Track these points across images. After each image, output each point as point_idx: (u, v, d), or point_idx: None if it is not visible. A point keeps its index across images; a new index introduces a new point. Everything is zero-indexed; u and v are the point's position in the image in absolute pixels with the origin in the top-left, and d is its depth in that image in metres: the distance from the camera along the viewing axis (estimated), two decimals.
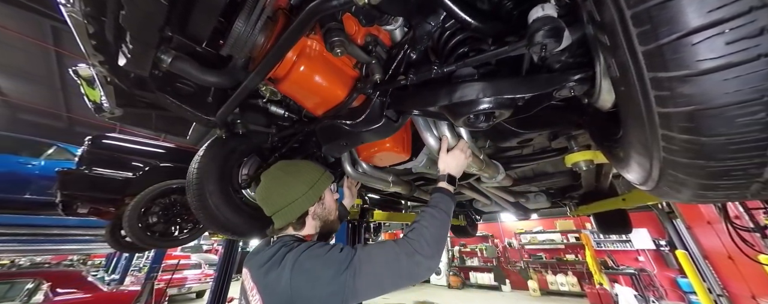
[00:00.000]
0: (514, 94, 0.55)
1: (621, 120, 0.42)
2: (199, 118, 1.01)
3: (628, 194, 1.94)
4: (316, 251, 0.66)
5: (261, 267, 0.68)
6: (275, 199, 0.79)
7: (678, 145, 0.30)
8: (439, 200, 0.80)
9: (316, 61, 0.85)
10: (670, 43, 0.26)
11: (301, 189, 0.79)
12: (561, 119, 0.88)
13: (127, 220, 2.34)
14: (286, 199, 0.78)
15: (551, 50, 0.45)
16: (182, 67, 0.80)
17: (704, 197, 0.34)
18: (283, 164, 0.87)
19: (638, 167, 0.40)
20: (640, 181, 0.43)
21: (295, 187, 0.79)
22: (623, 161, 0.47)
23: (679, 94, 0.28)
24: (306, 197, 0.79)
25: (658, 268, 6.72)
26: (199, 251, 12.73)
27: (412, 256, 0.65)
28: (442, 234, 0.72)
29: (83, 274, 4.97)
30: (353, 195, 1.44)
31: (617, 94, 0.39)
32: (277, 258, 0.67)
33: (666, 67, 0.27)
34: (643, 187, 0.44)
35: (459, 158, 0.90)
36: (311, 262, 0.64)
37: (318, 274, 0.62)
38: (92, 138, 2.62)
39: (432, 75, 0.63)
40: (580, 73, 0.51)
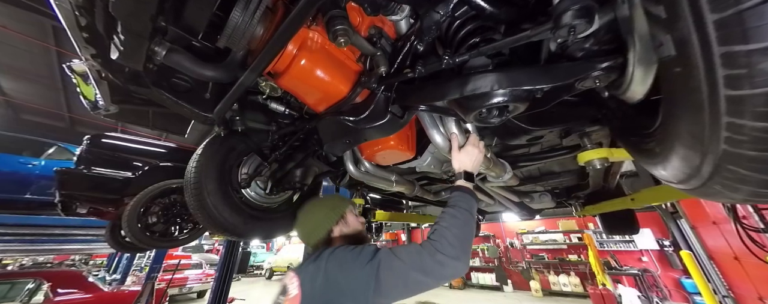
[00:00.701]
0: (533, 86, 0.51)
1: (662, 110, 0.38)
2: (196, 114, 0.97)
3: (637, 193, 1.89)
4: (347, 247, 0.77)
5: (305, 264, 0.80)
6: (304, 225, 0.94)
7: (748, 134, 0.26)
8: (459, 199, 0.78)
9: (318, 54, 0.81)
10: (755, 6, 0.22)
11: (322, 212, 0.92)
12: (575, 115, 0.84)
13: (126, 220, 2.32)
14: (312, 222, 0.92)
15: (581, 33, 0.41)
16: (177, 60, 0.76)
17: (763, 196, 0.30)
18: (311, 200, 1.03)
19: (682, 163, 0.35)
20: (681, 178, 0.38)
21: (317, 212, 0.93)
22: (658, 157, 0.42)
23: (760, 72, 0.23)
24: (327, 217, 0.90)
25: (662, 268, 6.65)
26: (200, 250, 12.74)
27: (434, 255, 0.65)
28: (466, 233, 0.70)
29: (84, 274, 4.96)
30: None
31: (666, 78, 0.35)
32: (314, 257, 0.78)
33: (746, 38, 0.23)
34: (683, 185, 0.40)
35: (472, 154, 0.88)
36: (343, 253, 0.74)
37: (348, 264, 0.70)
38: (91, 137, 2.59)
39: (442, 66, 0.59)
40: (608, 60, 0.46)
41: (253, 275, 13.63)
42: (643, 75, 0.42)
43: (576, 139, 1.05)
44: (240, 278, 12.43)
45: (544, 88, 0.53)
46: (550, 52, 0.54)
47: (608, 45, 0.49)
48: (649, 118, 0.46)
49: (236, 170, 1.35)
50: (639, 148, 0.51)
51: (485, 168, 1.15)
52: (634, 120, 0.54)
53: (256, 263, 14.53)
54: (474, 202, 0.79)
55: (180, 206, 2.67)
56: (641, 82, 0.44)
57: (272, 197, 1.45)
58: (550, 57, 0.55)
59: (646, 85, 0.43)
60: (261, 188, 1.41)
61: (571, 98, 0.74)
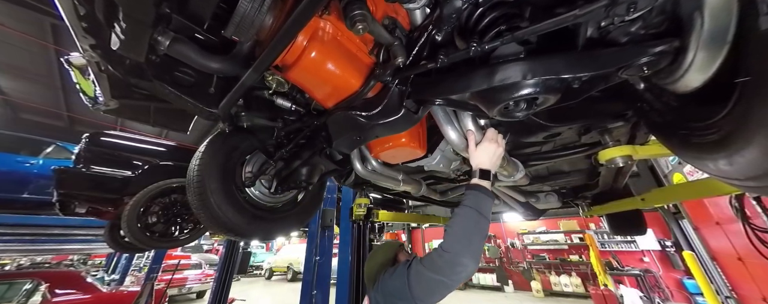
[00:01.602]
0: (573, 74, 0.46)
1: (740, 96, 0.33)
2: (200, 110, 0.93)
3: (648, 193, 1.86)
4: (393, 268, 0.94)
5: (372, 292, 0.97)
6: (368, 273, 1.16)
7: None
8: (471, 198, 0.77)
9: (330, 45, 0.77)
10: None
11: (378, 260, 1.15)
12: (598, 110, 0.80)
13: (125, 220, 2.27)
14: (373, 270, 1.11)
15: (642, 9, 0.37)
16: (182, 51, 0.72)
17: None
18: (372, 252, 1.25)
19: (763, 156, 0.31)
20: (755, 174, 0.34)
21: (373, 260, 1.17)
22: (720, 150, 0.38)
23: None
24: (381, 265, 1.10)
25: (664, 269, 6.63)
26: (199, 251, 12.68)
27: (442, 255, 0.70)
28: (473, 231, 0.71)
29: (82, 274, 4.91)
30: None
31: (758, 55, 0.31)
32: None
33: None
34: (753, 182, 0.36)
35: (490, 150, 0.84)
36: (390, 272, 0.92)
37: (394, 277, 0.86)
38: (90, 135, 2.54)
39: (470, 54, 0.55)
40: (662, 44, 0.42)
41: (253, 276, 13.57)
42: (707, 59, 0.38)
43: (596, 136, 1.01)
44: (239, 278, 12.37)
45: (582, 78, 0.49)
46: (587, 38, 0.50)
47: (656, 29, 0.45)
48: (708, 107, 0.41)
49: (240, 168, 1.31)
50: (688, 142, 0.47)
51: (499, 166, 1.11)
52: (683, 111, 0.50)
53: (256, 263, 14.46)
54: (487, 200, 0.77)
55: (180, 206, 2.62)
56: (703, 68, 0.39)
57: (277, 196, 1.41)
58: (587, 43, 0.51)
59: (708, 72, 0.39)
60: (265, 187, 1.37)
61: (595, 93, 0.70)
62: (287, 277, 11.27)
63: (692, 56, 0.40)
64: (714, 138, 0.40)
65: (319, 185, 1.68)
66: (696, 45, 0.38)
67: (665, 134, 0.58)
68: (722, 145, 0.38)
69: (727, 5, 0.33)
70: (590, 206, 2.54)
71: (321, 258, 3.03)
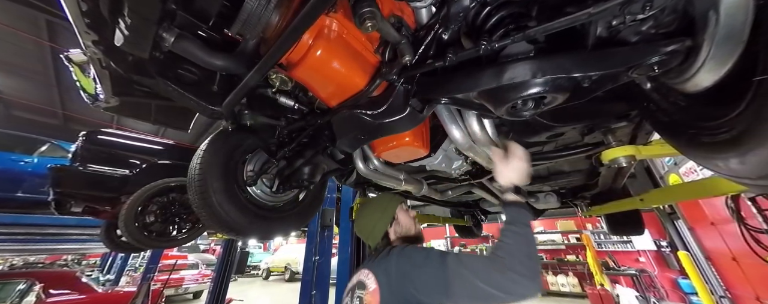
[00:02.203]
0: (583, 73, 0.47)
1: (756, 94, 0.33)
2: (203, 108, 0.92)
3: (646, 194, 1.87)
4: (415, 248, 0.87)
5: (375, 260, 0.92)
6: (362, 229, 1.08)
7: None
8: (516, 215, 0.76)
9: (335, 44, 0.77)
10: None
11: (375, 216, 1.04)
12: (603, 110, 0.80)
13: (123, 219, 2.25)
14: (367, 227, 1.05)
15: (659, 6, 0.37)
16: (187, 48, 0.71)
17: None
18: (364, 201, 1.20)
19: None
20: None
21: (369, 216, 1.06)
22: (732, 149, 0.38)
23: None
24: (380, 221, 1.03)
25: (659, 269, 6.70)
26: (196, 251, 12.58)
27: (504, 272, 0.64)
28: (533, 250, 0.68)
29: (77, 274, 4.85)
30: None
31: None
32: (385, 254, 0.90)
33: None
34: (765, 181, 0.36)
35: (519, 167, 0.84)
36: (413, 253, 0.84)
37: (420, 263, 0.79)
38: (87, 134, 2.51)
39: (480, 52, 0.55)
40: (673, 44, 0.42)
41: (251, 276, 13.50)
42: (721, 59, 0.38)
43: (598, 136, 1.02)
44: (236, 278, 12.30)
45: (592, 77, 0.49)
46: (597, 38, 0.50)
47: (666, 28, 0.45)
48: (719, 106, 0.42)
49: (242, 167, 1.30)
50: (698, 141, 0.47)
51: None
52: (692, 111, 0.50)
53: (253, 263, 14.39)
54: (530, 216, 0.77)
55: (179, 205, 2.60)
56: (716, 68, 0.39)
57: (279, 196, 1.40)
58: (597, 43, 0.51)
59: (720, 71, 0.39)
60: (267, 186, 1.36)
61: (599, 93, 0.71)
62: (285, 277, 11.23)
63: (705, 56, 0.40)
64: (725, 137, 0.40)
65: (321, 185, 1.67)
66: (709, 44, 0.39)
67: (673, 134, 0.58)
68: (734, 144, 0.38)
69: (745, 3, 0.33)
70: (589, 206, 2.56)
71: (320, 258, 3.03)
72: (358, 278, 0.93)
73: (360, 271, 0.96)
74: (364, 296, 0.85)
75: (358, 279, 0.93)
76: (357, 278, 0.94)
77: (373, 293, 0.82)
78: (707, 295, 4.92)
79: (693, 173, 4.47)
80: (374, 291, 0.82)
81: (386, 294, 0.80)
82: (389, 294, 0.79)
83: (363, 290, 0.86)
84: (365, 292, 0.85)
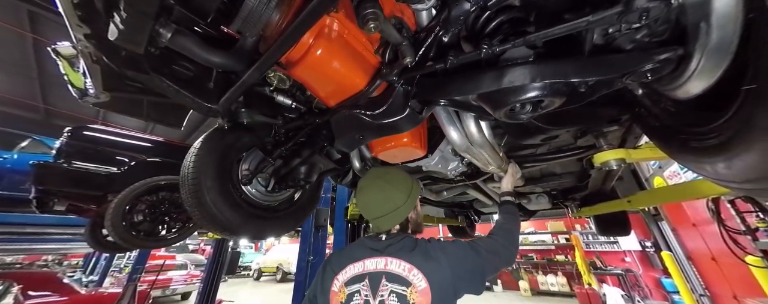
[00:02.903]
0: (581, 78, 0.48)
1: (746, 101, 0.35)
2: (199, 105, 0.90)
3: (634, 195, 1.94)
4: (449, 243, 0.90)
5: (410, 252, 0.85)
6: (378, 207, 0.92)
7: None
8: (515, 210, 1.13)
9: (336, 43, 0.77)
10: None
11: (401, 198, 0.92)
12: (595, 115, 0.83)
13: (109, 218, 2.18)
14: (389, 207, 0.91)
15: (655, 17, 0.38)
16: (184, 44, 0.70)
17: None
18: (378, 172, 1.00)
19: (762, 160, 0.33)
20: (753, 176, 0.37)
21: (396, 196, 0.92)
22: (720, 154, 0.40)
23: None
24: (406, 206, 0.92)
25: (644, 268, 6.92)
26: (185, 251, 12.28)
27: (507, 247, 0.93)
28: (517, 231, 1.05)
29: (58, 275, 4.67)
30: None
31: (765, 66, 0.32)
32: (423, 249, 0.86)
33: None
34: (751, 185, 0.38)
35: (514, 179, 1.24)
36: (453, 248, 0.87)
37: (463, 255, 0.84)
38: (72, 129, 2.42)
39: (481, 56, 0.56)
40: (667, 52, 0.44)
41: (241, 276, 13.27)
42: (711, 67, 0.40)
43: (591, 139, 1.05)
44: (227, 279, 12.06)
45: (589, 82, 0.51)
46: (593, 45, 0.52)
47: (659, 37, 0.48)
48: (708, 113, 0.44)
49: (237, 165, 1.28)
50: (687, 146, 0.50)
51: (497, 166, 1.13)
52: (682, 116, 0.52)
53: (245, 263, 14.16)
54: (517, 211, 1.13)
55: (169, 204, 2.54)
56: (706, 76, 0.41)
57: (274, 195, 1.39)
58: (593, 49, 0.53)
59: (710, 79, 0.41)
60: (262, 186, 1.35)
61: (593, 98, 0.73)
62: (277, 277, 11.08)
63: (696, 64, 0.42)
64: (714, 142, 0.42)
65: (317, 184, 1.66)
66: (700, 53, 0.41)
67: (663, 138, 0.61)
68: (722, 150, 0.40)
69: (734, 16, 0.35)
70: (579, 207, 2.63)
71: (314, 258, 3.00)
72: (386, 269, 0.82)
73: (374, 259, 0.85)
74: (408, 293, 0.77)
75: (380, 269, 0.82)
76: (374, 268, 0.83)
77: (423, 293, 0.76)
78: (688, 293, 5.12)
79: (677, 176, 4.65)
80: (424, 291, 0.76)
81: (437, 293, 0.76)
82: (441, 293, 0.76)
83: (404, 286, 0.78)
84: (411, 289, 0.77)
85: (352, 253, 0.92)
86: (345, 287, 0.84)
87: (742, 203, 2.94)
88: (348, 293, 0.82)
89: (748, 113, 0.35)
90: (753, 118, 0.34)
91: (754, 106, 0.34)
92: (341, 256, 0.94)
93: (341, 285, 0.85)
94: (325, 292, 0.87)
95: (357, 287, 0.82)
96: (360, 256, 0.89)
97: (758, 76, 0.33)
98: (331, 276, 0.88)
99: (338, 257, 0.94)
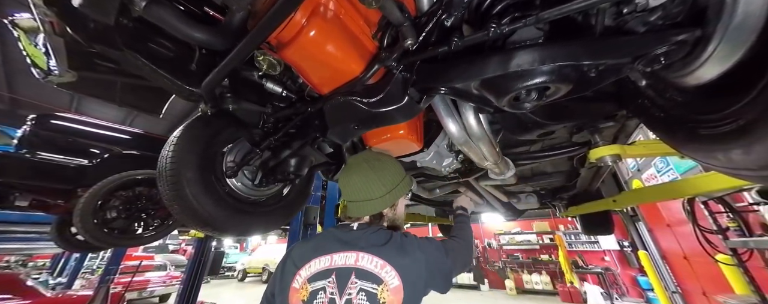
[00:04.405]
0: (593, 60, 0.46)
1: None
2: (179, 88, 0.83)
3: (619, 195, 1.99)
4: (425, 239, 0.85)
5: (382, 247, 0.78)
6: (355, 191, 0.87)
7: None
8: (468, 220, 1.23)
9: (331, 24, 0.72)
10: None
11: (380, 191, 0.86)
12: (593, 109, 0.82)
13: (79, 215, 2.01)
14: (364, 195, 0.86)
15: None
16: (161, 16, 0.63)
17: None
18: (370, 155, 0.93)
19: None
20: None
21: (375, 187, 0.86)
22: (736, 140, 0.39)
23: None
24: (382, 200, 0.86)
25: (622, 267, 7.23)
26: (164, 251, 11.73)
27: (469, 249, 1.01)
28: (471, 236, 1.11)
29: (21, 277, 4.32)
30: None
31: None
32: (398, 243, 0.80)
33: None
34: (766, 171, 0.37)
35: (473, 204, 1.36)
36: (430, 246, 0.83)
37: (438, 254, 0.83)
38: (37, 117, 2.22)
39: (489, 36, 0.53)
40: (683, 33, 0.42)
41: (224, 277, 12.83)
42: (729, 50, 0.38)
43: (586, 135, 1.06)
44: (209, 280, 11.63)
45: (600, 67, 0.49)
46: (605, 27, 0.50)
47: (673, 19, 0.46)
48: (723, 98, 0.42)
49: (221, 156, 1.20)
50: (696, 134, 0.49)
51: (493, 163, 1.12)
52: (691, 105, 0.51)
53: (229, 263, 13.70)
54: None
55: (146, 200, 2.38)
56: (723, 60, 0.40)
57: (261, 189, 1.31)
58: (604, 32, 0.51)
59: (728, 62, 0.40)
60: (249, 179, 1.27)
61: (589, 93, 0.72)
62: (262, 278, 10.79)
63: (714, 47, 0.41)
64: (729, 128, 0.41)
65: (307, 179, 1.60)
66: (721, 34, 0.39)
67: (668, 130, 0.60)
68: (739, 135, 0.39)
69: None
70: (566, 207, 2.69)
71: None
72: (356, 265, 0.74)
73: (344, 253, 0.77)
74: (379, 291, 0.70)
75: (349, 265, 0.74)
76: (343, 263, 0.75)
77: (395, 291, 0.70)
78: (662, 290, 5.40)
79: (654, 179, 4.88)
80: (397, 289, 0.70)
81: (410, 291, 0.71)
82: (413, 291, 0.71)
83: (375, 284, 0.71)
84: (382, 287, 0.70)
85: (318, 245, 0.82)
86: (308, 283, 0.74)
87: (713, 205, 3.12)
88: (311, 290, 0.73)
89: None
90: None
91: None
92: (305, 248, 0.83)
93: (304, 281, 0.75)
94: (283, 289, 0.77)
95: (322, 284, 0.73)
96: (329, 249, 0.79)
97: None
98: (293, 271, 0.78)
99: (301, 250, 0.83)
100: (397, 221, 0.93)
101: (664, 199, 1.71)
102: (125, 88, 1.06)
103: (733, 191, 2.44)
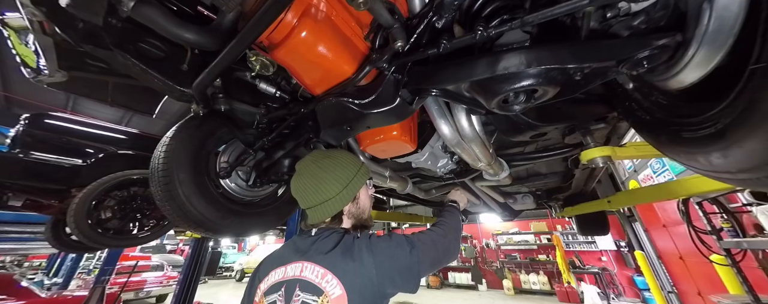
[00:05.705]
0: (578, 64, 0.47)
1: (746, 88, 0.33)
2: (170, 88, 0.82)
3: (614, 196, 2.01)
4: (380, 238, 0.76)
5: (327, 253, 0.71)
6: (309, 196, 0.79)
7: None
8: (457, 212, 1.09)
9: (323, 25, 0.72)
10: None
11: (335, 188, 0.78)
12: (584, 111, 0.83)
13: (73, 215, 2.00)
14: (319, 198, 0.78)
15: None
16: (150, 16, 0.62)
17: None
18: (318, 155, 0.85)
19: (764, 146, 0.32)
20: (751, 165, 0.35)
21: (329, 186, 0.78)
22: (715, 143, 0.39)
23: None
24: (340, 197, 0.78)
25: (618, 267, 7.27)
26: (162, 251, 11.67)
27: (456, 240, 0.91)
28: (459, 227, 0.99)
29: (15, 277, 4.28)
30: None
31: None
32: (346, 247, 0.72)
33: None
34: (746, 175, 0.37)
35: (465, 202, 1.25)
36: (383, 244, 0.73)
37: (393, 252, 0.72)
38: (30, 116, 2.20)
39: (476, 39, 0.53)
40: (665, 37, 0.43)
41: (223, 277, 12.78)
42: (707, 55, 0.39)
43: (578, 137, 1.06)
44: (206, 280, 11.58)
45: (585, 69, 0.49)
46: (590, 31, 0.51)
47: (656, 24, 0.47)
48: (703, 102, 0.43)
49: (215, 157, 1.19)
50: (678, 137, 0.49)
51: (487, 163, 1.12)
52: (673, 108, 0.52)
53: (227, 264, 13.65)
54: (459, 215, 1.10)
55: (141, 200, 2.37)
56: (701, 64, 0.41)
57: (255, 190, 1.31)
58: (589, 36, 0.51)
59: (705, 68, 0.40)
60: (242, 180, 1.27)
61: (580, 95, 0.72)
62: None
63: (693, 51, 0.41)
64: (708, 132, 0.41)
65: None
66: (700, 39, 0.40)
67: (653, 132, 0.61)
68: (718, 138, 0.40)
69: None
70: (562, 207, 2.70)
71: None
72: (300, 276, 0.70)
73: (294, 264, 0.72)
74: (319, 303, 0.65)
75: (296, 276, 0.70)
76: (293, 274, 0.71)
77: (338, 301, 0.64)
78: (658, 290, 5.43)
79: (650, 180, 4.92)
80: (340, 298, 0.64)
81: (356, 300, 0.64)
82: (361, 298, 0.65)
83: (315, 296, 0.66)
84: (323, 299, 0.65)
85: (280, 255, 0.79)
86: (264, 297, 0.72)
87: (708, 205, 3.14)
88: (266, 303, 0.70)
89: (752, 98, 0.33)
90: (757, 101, 0.32)
91: (757, 89, 0.32)
92: (270, 259, 0.81)
93: (261, 295, 0.73)
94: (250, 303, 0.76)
95: (274, 298, 0.70)
96: (286, 259, 0.76)
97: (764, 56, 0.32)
98: (256, 284, 0.77)
99: (267, 262, 0.81)
100: (362, 215, 0.85)
101: (659, 199, 1.72)
102: (117, 88, 1.05)
103: (726, 192, 2.46)
